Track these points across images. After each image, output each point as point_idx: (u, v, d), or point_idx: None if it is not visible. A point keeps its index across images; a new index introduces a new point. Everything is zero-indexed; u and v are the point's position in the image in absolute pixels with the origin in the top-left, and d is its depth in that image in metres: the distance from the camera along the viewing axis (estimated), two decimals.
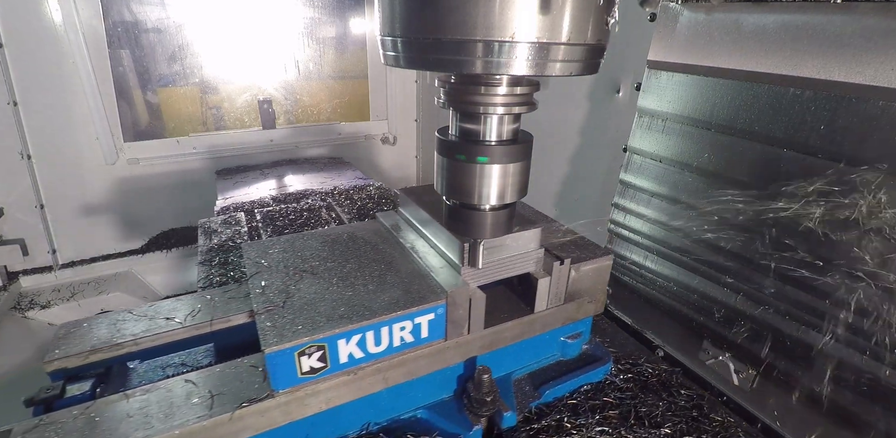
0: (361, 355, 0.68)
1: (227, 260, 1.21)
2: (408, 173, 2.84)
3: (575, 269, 0.85)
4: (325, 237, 0.92)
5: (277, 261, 0.82)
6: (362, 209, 1.56)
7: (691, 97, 0.98)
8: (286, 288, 0.74)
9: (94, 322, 0.80)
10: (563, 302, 0.85)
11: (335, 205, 1.61)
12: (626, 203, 1.18)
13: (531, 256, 0.79)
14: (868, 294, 0.75)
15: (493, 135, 0.66)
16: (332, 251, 0.86)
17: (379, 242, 0.89)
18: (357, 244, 0.88)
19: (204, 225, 1.43)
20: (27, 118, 1.85)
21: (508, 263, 0.77)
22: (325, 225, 1.43)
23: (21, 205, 1.92)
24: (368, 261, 0.82)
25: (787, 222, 0.85)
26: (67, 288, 2.00)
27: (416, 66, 0.57)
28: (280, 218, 1.48)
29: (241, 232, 1.37)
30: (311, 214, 1.51)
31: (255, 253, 0.85)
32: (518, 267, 0.79)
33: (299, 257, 0.84)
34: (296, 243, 0.89)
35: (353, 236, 0.91)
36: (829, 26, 0.76)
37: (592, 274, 0.88)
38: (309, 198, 1.73)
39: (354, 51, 2.48)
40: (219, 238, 1.34)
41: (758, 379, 0.95)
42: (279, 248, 0.87)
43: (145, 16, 1.99)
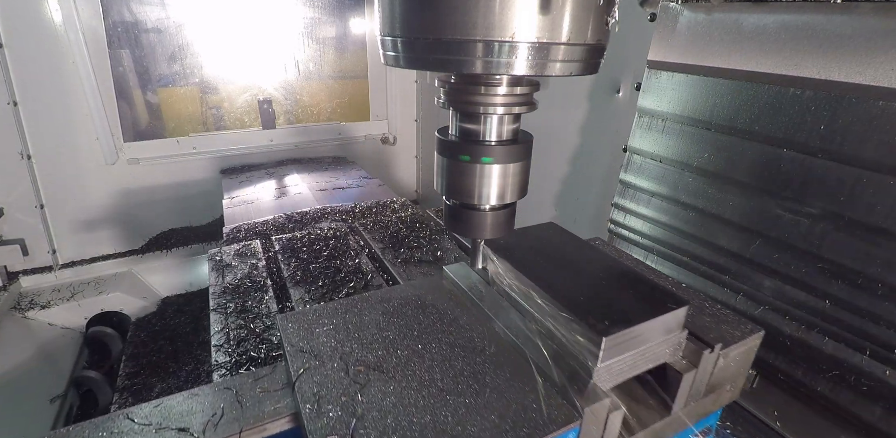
0: None
1: (246, 307, 1.00)
2: (408, 173, 2.84)
3: (724, 355, 0.65)
4: (384, 305, 0.72)
5: (329, 349, 0.63)
6: (394, 236, 1.32)
7: (691, 97, 0.98)
8: (350, 401, 0.54)
9: (79, 434, 0.57)
10: (702, 395, 0.66)
11: (361, 229, 1.39)
12: (626, 203, 1.18)
13: (673, 342, 0.61)
14: (868, 291, 0.75)
15: (493, 135, 0.66)
16: (398, 330, 0.66)
17: (459, 315, 0.70)
18: (430, 318, 0.69)
19: (214, 258, 1.21)
20: (27, 118, 1.85)
21: (647, 354, 0.60)
22: (355, 258, 1.21)
23: (21, 205, 1.92)
24: (451, 349, 0.63)
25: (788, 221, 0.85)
26: (67, 288, 2.00)
27: (416, 66, 0.57)
28: (303, 247, 1.27)
29: (259, 267, 1.17)
30: (338, 243, 1.29)
31: (297, 335, 0.66)
32: (656, 358, 0.61)
33: (357, 341, 0.65)
34: (348, 316, 0.69)
35: (423, 304, 0.72)
36: (829, 26, 0.76)
37: (739, 359, 0.69)
38: (329, 220, 1.54)
39: (354, 51, 2.48)
40: (233, 275, 1.13)
41: (758, 379, 0.95)
42: (328, 325, 0.67)
43: (145, 16, 1.99)
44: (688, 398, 0.64)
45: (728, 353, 0.66)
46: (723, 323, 0.70)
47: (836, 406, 0.81)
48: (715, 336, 0.66)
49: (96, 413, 1.50)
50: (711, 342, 0.63)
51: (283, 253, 1.24)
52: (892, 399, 0.74)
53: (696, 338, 0.64)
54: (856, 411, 0.79)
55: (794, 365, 0.87)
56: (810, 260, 0.82)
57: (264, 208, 1.72)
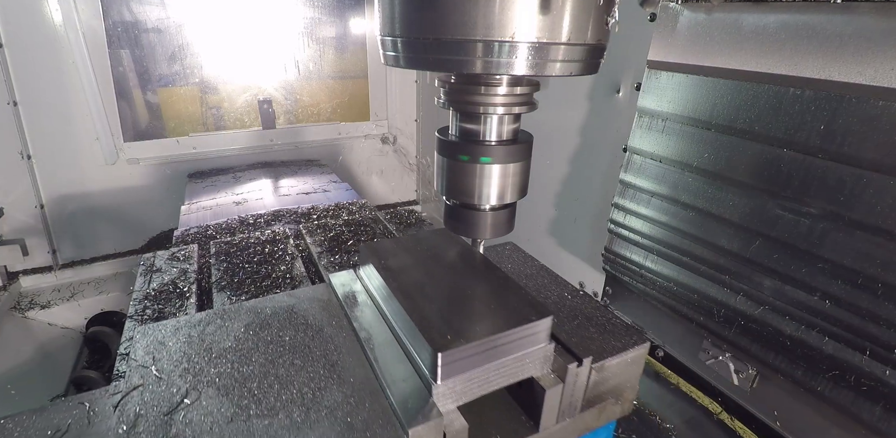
0: None
1: (163, 313, 0.96)
2: (408, 173, 2.84)
3: (598, 369, 0.62)
4: (254, 315, 0.69)
5: (175, 363, 0.60)
6: (335, 240, 1.30)
7: (691, 97, 0.98)
8: (170, 420, 0.51)
9: None
10: (579, 410, 0.63)
11: (305, 233, 1.36)
12: (626, 203, 1.18)
13: (536, 356, 0.57)
14: (868, 291, 0.75)
15: (494, 135, 0.66)
16: (256, 341, 0.63)
17: (325, 325, 0.67)
18: (295, 327, 0.66)
19: (147, 262, 1.16)
20: (27, 118, 1.85)
21: (503, 369, 0.56)
22: (289, 262, 1.17)
23: (21, 205, 1.92)
24: (304, 362, 0.60)
25: (788, 221, 0.85)
26: (67, 288, 2.00)
27: (416, 66, 0.57)
28: (238, 252, 1.23)
29: (188, 272, 1.12)
30: (275, 247, 1.25)
31: (146, 349, 0.62)
32: (517, 373, 0.57)
33: (207, 354, 0.61)
34: (209, 327, 0.66)
35: (293, 313, 0.69)
36: (829, 26, 0.76)
37: (623, 370, 0.66)
38: (281, 222, 1.51)
39: (354, 51, 2.48)
40: (160, 280, 1.06)
41: (758, 379, 0.95)
42: (183, 338, 0.64)
43: (145, 16, 1.99)
44: (559, 414, 0.60)
45: (604, 366, 0.63)
46: (608, 333, 0.67)
47: (836, 406, 0.81)
48: (594, 348, 0.63)
49: None
50: (581, 355, 0.60)
51: (217, 258, 1.20)
52: (892, 399, 0.74)
53: (566, 351, 0.61)
54: (856, 411, 0.79)
55: (794, 364, 0.87)
56: (810, 260, 0.82)
57: (221, 214, 1.67)
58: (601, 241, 1.27)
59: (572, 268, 1.50)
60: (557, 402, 0.59)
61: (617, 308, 1.30)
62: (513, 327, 0.54)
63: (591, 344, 0.64)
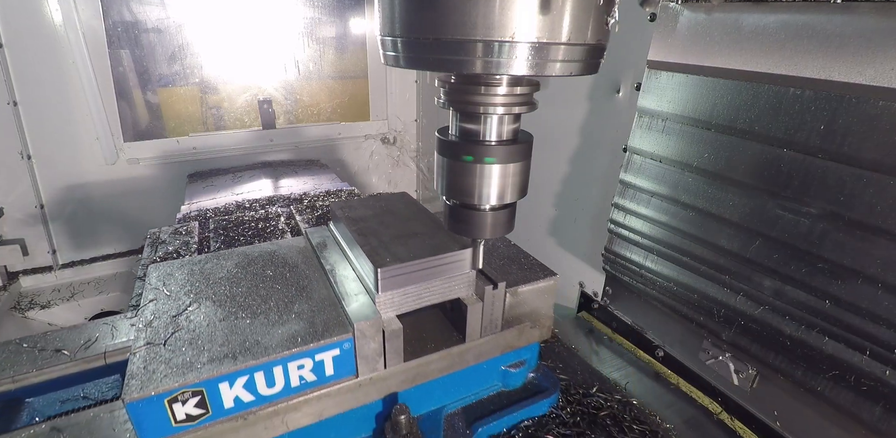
0: (251, 398, 0.60)
1: None
2: (408, 173, 2.84)
3: (512, 293, 0.77)
4: (243, 256, 0.84)
5: (180, 286, 0.75)
6: (322, 217, 1.46)
7: (691, 97, 0.98)
8: (176, 319, 0.66)
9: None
10: (500, 329, 0.77)
11: (296, 213, 1.51)
12: (626, 203, 1.18)
13: (461, 280, 0.72)
14: (868, 291, 0.75)
15: (493, 135, 0.66)
16: (245, 273, 0.79)
17: (300, 262, 0.82)
18: (275, 264, 0.81)
19: (153, 236, 1.33)
20: (27, 118, 1.85)
21: (433, 288, 0.70)
22: (279, 235, 1.33)
23: (21, 205, 1.92)
24: (281, 286, 0.75)
25: (788, 221, 0.85)
26: (67, 288, 2.00)
27: (416, 66, 0.57)
28: (234, 227, 1.39)
29: (190, 243, 1.28)
30: (268, 224, 1.41)
31: (157, 278, 0.77)
32: (445, 293, 0.71)
33: (205, 281, 0.76)
34: (207, 264, 0.81)
35: (274, 255, 0.85)
36: (829, 26, 0.76)
37: (534, 297, 0.80)
38: (275, 205, 1.63)
39: (354, 51, 2.48)
40: (164, 249, 1.23)
41: (758, 379, 0.95)
42: (186, 271, 0.79)
43: (145, 16, 1.99)
44: (482, 329, 0.76)
45: (517, 291, 0.79)
46: (526, 270, 0.83)
47: (836, 406, 0.81)
48: (510, 279, 0.77)
49: None
50: (496, 280, 0.74)
51: (215, 232, 1.36)
52: (892, 399, 0.74)
53: (486, 279, 0.75)
54: (856, 411, 0.79)
55: (794, 364, 0.87)
56: (810, 260, 0.82)
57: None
58: (601, 241, 1.27)
59: (572, 268, 1.50)
60: (479, 318, 0.74)
61: (617, 308, 1.30)
62: (439, 254, 0.70)
63: (508, 276, 0.79)
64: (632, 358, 1.23)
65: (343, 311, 0.67)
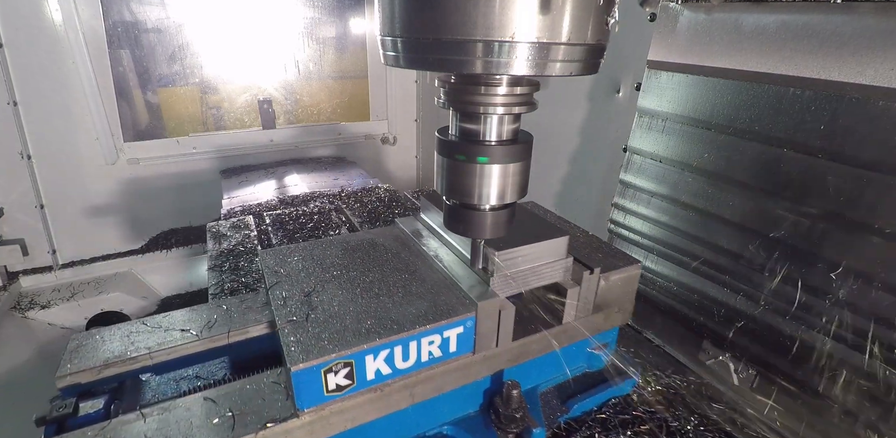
0: (389, 371, 0.65)
1: (238, 266, 1.18)
2: (408, 173, 2.84)
3: (604, 279, 0.82)
4: (344, 244, 0.88)
5: (297, 270, 0.79)
6: (373, 212, 1.52)
7: (691, 97, 0.98)
8: (308, 299, 0.71)
9: (106, 333, 0.75)
10: (591, 312, 0.82)
11: (345, 207, 1.58)
12: (626, 203, 1.18)
13: (560, 265, 0.76)
14: (868, 291, 0.75)
15: (493, 135, 0.66)
16: (352, 259, 0.83)
17: (401, 250, 0.86)
18: (378, 252, 0.85)
19: (212, 230, 1.40)
20: (27, 118, 1.85)
21: (538, 272, 0.75)
22: (336, 229, 1.39)
23: (21, 205, 1.92)
24: (391, 270, 0.79)
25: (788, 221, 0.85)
26: (67, 288, 2.00)
27: (416, 66, 0.57)
28: (290, 221, 1.45)
29: (251, 236, 1.34)
30: (322, 217, 1.48)
31: (273, 262, 0.82)
32: (547, 277, 0.76)
33: (319, 266, 0.81)
34: (315, 251, 0.86)
35: (374, 243, 0.88)
36: (829, 26, 0.76)
37: (621, 284, 0.85)
38: (317, 201, 1.70)
39: (354, 51, 2.48)
40: (228, 242, 1.31)
41: (758, 379, 0.95)
42: (298, 256, 0.84)
43: (145, 16, 1.99)
44: (577, 311, 0.79)
45: (609, 277, 0.82)
46: (611, 257, 0.87)
47: (836, 405, 0.81)
48: (601, 265, 0.80)
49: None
50: (592, 266, 0.78)
51: (273, 226, 1.42)
52: (892, 399, 0.74)
53: (581, 264, 0.80)
54: (856, 411, 0.79)
55: (794, 364, 0.87)
56: (810, 260, 0.82)
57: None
58: None
59: None
60: (576, 301, 0.78)
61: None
62: (542, 240, 0.74)
63: (598, 263, 0.81)
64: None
65: (462, 292, 0.72)
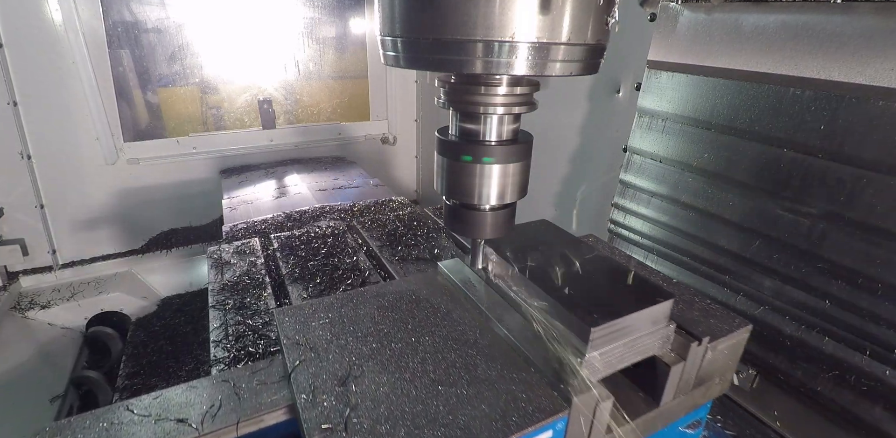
0: None
1: (245, 303, 1.01)
2: (408, 173, 2.84)
3: (712, 349, 0.66)
4: (380, 299, 0.73)
5: (325, 341, 0.64)
6: (392, 234, 1.33)
7: (691, 97, 0.98)
8: (344, 391, 0.55)
9: (79, 425, 0.58)
10: (691, 388, 0.67)
11: (359, 227, 1.40)
12: (626, 203, 1.18)
13: (660, 335, 0.62)
14: (868, 291, 0.75)
15: (493, 135, 0.66)
16: (393, 322, 0.68)
17: (453, 308, 0.71)
18: (424, 312, 0.70)
19: (214, 256, 1.22)
20: (27, 118, 1.85)
21: (636, 346, 0.61)
22: (353, 255, 1.21)
23: (21, 204, 1.92)
24: (444, 341, 0.64)
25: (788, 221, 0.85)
26: (67, 288, 2.00)
27: (416, 66, 0.57)
28: (301, 245, 1.28)
29: (258, 265, 1.18)
30: (336, 241, 1.30)
31: (293, 328, 0.66)
32: (644, 351, 0.62)
33: (352, 334, 0.65)
34: (344, 310, 0.70)
35: (417, 298, 0.73)
36: (829, 26, 0.76)
37: (728, 352, 0.70)
38: (327, 218, 1.55)
39: (354, 51, 2.48)
40: (232, 272, 1.13)
41: (758, 379, 0.95)
42: (324, 319, 0.68)
43: (145, 16, 1.99)
44: (677, 390, 0.65)
45: (716, 346, 0.67)
46: (711, 317, 0.71)
47: (836, 406, 0.81)
48: (703, 329, 0.66)
49: None
50: (699, 335, 0.64)
51: (282, 251, 1.25)
52: (892, 399, 0.74)
53: (684, 332, 0.65)
54: (856, 411, 0.79)
55: (794, 364, 0.87)
56: (810, 260, 0.82)
57: (264, 208, 1.72)
58: None
59: None
60: (678, 379, 0.64)
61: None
62: (643, 307, 0.59)
63: (699, 325, 0.68)
64: None
65: (543, 378, 0.58)
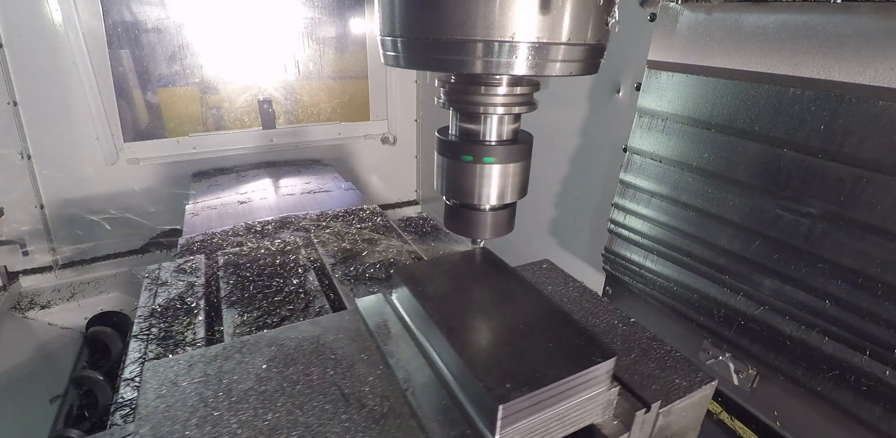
0: None
1: (170, 332, 0.91)
2: (408, 173, 2.84)
3: (664, 414, 0.56)
4: (277, 348, 0.62)
5: (190, 410, 0.53)
6: (349, 250, 1.25)
7: (691, 97, 0.98)
8: None
9: None
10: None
11: (317, 242, 1.31)
12: (626, 203, 1.18)
13: (598, 401, 0.52)
14: (868, 291, 0.75)
15: (493, 135, 0.66)
16: (281, 380, 0.57)
17: (356, 361, 0.60)
18: (324, 364, 0.60)
19: (152, 275, 1.11)
20: (27, 118, 1.85)
21: (565, 417, 0.51)
22: (301, 276, 1.11)
23: (21, 205, 1.92)
24: (335, 408, 0.53)
25: (788, 221, 0.85)
26: (67, 288, 2.00)
27: (416, 66, 0.57)
28: (248, 264, 1.17)
29: (196, 286, 1.07)
30: (286, 258, 1.20)
31: (154, 390, 0.55)
32: (577, 422, 0.52)
33: (226, 397, 0.54)
34: (227, 363, 0.60)
35: (319, 346, 0.63)
36: (829, 26, 0.76)
37: (688, 412, 0.60)
38: (289, 230, 1.44)
39: (354, 51, 2.48)
40: (167, 294, 1.02)
41: (758, 379, 0.95)
42: (199, 376, 0.57)
43: (145, 16, 1.99)
44: None
45: (671, 410, 0.57)
46: (670, 370, 0.61)
47: (836, 406, 0.81)
48: (658, 388, 0.57)
49: (96, 413, 1.50)
50: (649, 399, 0.54)
51: (226, 270, 1.14)
52: (892, 399, 0.74)
53: (630, 395, 0.55)
54: (856, 411, 0.79)
55: (794, 364, 0.87)
56: (810, 260, 0.82)
57: (226, 214, 1.67)
58: (601, 241, 1.27)
59: (572, 268, 1.49)
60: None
61: (617, 308, 1.30)
62: (576, 371, 0.49)
63: (653, 382, 0.58)
64: None
65: None
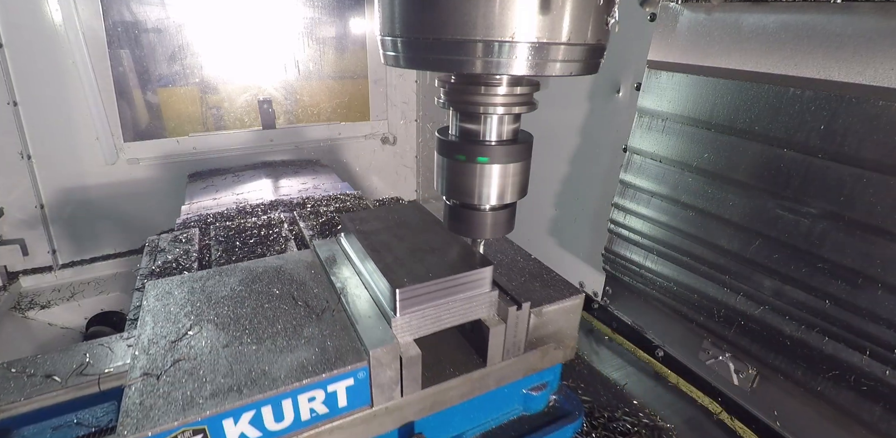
0: (258, 434, 0.57)
1: None
2: (408, 173, 2.84)
3: (536, 313, 0.72)
4: (248, 272, 0.79)
5: (180, 306, 0.70)
6: (326, 224, 1.38)
7: (691, 97, 0.98)
8: (176, 345, 0.62)
9: None
10: (523, 351, 0.73)
11: (299, 219, 1.43)
12: (626, 203, 1.18)
13: (482, 300, 0.67)
14: (868, 291, 0.75)
15: (493, 135, 0.66)
16: (249, 291, 0.74)
17: (308, 279, 0.77)
18: (282, 282, 0.77)
19: (151, 243, 1.26)
20: (27, 118, 1.85)
21: (453, 309, 0.65)
22: (283, 244, 1.26)
23: (21, 205, 1.92)
24: (289, 306, 0.70)
25: (788, 221, 0.85)
26: (67, 288, 2.00)
27: (416, 66, 0.57)
28: (237, 234, 1.32)
29: (190, 252, 1.21)
30: (270, 230, 1.34)
31: (155, 297, 0.73)
32: (465, 314, 0.67)
33: (207, 300, 0.71)
34: (209, 282, 0.77)
35: (280, 271, 0.80)
36: (829, 26, 0.76)
37: (560, 317, 0.76)
38: (277, 210, 1.56)
39: (354, 51, 2.48)
40: (164, 258, 1.16)
41: (758, 379, 0.95)
42: (187, 289, 0.74)
43: (145, 16, 1.99)
44: (504, 352, 0.70)
45: (542, 311, 0.73)
46: (549, 287, 0.77)
47: (836, 406, 0.81)
48: (534, 297, 0.72)
49: None
50: (521, 300, 0.70)
51: (216, 240, 1.29)
52: (892, 399, 0.74)
53: (509, 298, 0.71)
54: (856, 411, 0.79)
55: (794, 364, 0.87)
56: (810, 260, 0.82)
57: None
58: (601, 241, 1.28)
59: (572, 268, 1.50)
60: (501, 340, 0.69)
61: (617, 308, 1.30)
62: (459, 272, 0.65)
63: (532, 294, 0.74)
64: (632, 358, 1.23)
65: (357, 336, 0.63)
